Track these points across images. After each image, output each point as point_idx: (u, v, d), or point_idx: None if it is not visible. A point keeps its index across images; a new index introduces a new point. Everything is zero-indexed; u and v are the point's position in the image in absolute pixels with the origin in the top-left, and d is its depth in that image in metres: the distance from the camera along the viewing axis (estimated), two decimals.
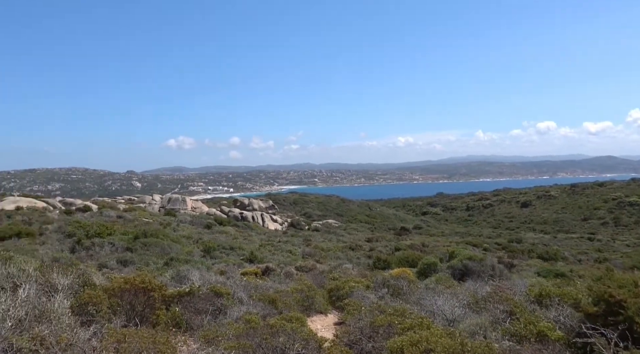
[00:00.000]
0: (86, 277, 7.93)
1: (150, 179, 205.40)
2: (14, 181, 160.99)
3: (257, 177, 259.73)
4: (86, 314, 6.86)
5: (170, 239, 27.14)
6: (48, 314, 6.16)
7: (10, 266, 7.18)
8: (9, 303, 5.91)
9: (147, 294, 6.86)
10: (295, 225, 57.51)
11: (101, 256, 21.39)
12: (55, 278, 7.09)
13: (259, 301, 9.58)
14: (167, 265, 18.55)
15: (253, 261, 22.47)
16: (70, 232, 26.38)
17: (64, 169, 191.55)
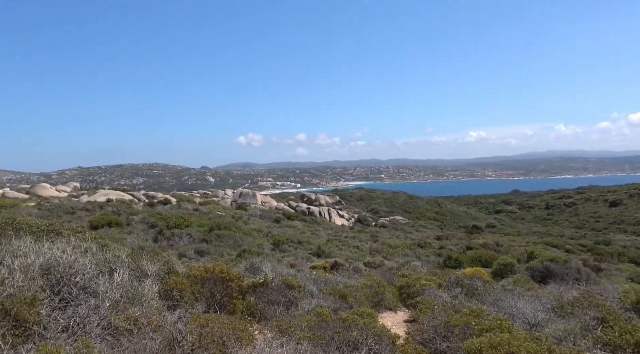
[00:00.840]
0: (170, 265, 8.50)
1: (222, 174, 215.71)
2: (104, 175, 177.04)
3: (323, 173, 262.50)
4: (171, 299, 7.36)
5: (242, 231, 28.33)
6: (139, 298, 6.69)
7: (107, 252, 7.88)
8: (107, 285, 6.50)
9: (226, 284, 7.20)
10: (362, 221, 57.37)
11: (180, 245, 22.87)
12: (145, 264, 7.68)
13: (329, 295, 9.69)
14: (239, 256, 19.40)
15: (320, 256, 22.78)
16: (153, 223, 28.48)
17: (147, 165, 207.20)
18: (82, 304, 5.91)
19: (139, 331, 5.65)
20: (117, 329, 5.57)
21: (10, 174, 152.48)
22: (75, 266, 6.81)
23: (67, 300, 6.33)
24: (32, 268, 6.43)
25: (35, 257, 6.76)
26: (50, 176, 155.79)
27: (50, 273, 6.60)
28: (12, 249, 6.97)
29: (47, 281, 6.47)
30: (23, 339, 4.87)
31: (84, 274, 6.79)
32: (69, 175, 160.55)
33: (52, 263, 6.71)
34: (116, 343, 5.28)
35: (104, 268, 7.35)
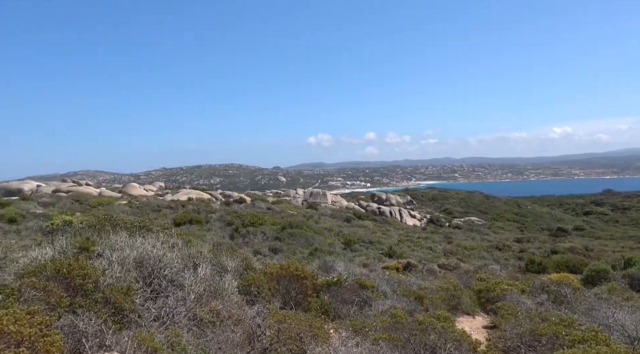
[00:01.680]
0: (248, 261, 8.85)
1: (293, 174, 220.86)
2: (185, 175, 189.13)
3: (393, 173, 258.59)
4: (249, 294, 7.65)
5: (313, 230, 28.74)
6: (221, 292, 7.04)
7: (191, 248, 8.39)
8: (192, 279, 6.92)
9: (301, 282, 7.33)
10: (435, 221, 55.66)
11: (255, 243, 23.73)
12: (225, 260, 8.06)
13: (403, 296, 9.50)
14: (311, 255, 19.69)
15: (392, 256, 22.43)
16: (230, 221, 29.84)
17: (223, 166, 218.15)
18: (171, 296, 6.34)
19: (221, 324, 5.94)
20: (202, 321, 5.90)
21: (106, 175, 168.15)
22: (164, 260, 7.33)
23: (157, 291, 6.84)
24: (128, 261, 7.02)
25: (130, 251, 7.38)
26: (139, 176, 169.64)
27: (142, 265, 7.16)
28: (111, 243, 7.68)
29: (140, 273, 7.04)
30: (122, 326, 5.32)
31: (172, 268, 7.28)
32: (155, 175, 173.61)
33: (144, 257, 7.28)
34: (201, 333, 5.59)
35: (189, 263, 7.83)
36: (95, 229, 8.76)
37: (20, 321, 3.65)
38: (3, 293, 4.96)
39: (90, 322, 5.07)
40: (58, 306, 5.09)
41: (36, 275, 5.83)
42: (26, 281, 5.10)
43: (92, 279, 6.03)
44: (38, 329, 3.68)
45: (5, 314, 3.69)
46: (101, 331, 5.06)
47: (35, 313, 4.04)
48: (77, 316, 5.13)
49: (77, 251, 7.43)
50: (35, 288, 5.09)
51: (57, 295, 5.19)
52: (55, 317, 4.52)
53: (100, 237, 8.15)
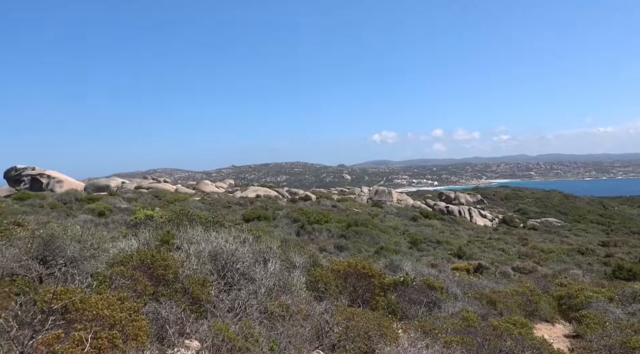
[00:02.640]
0: (315, 258, 8.98)
1: (358, 172, 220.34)
2: (253, 173, 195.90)
3: (462, 171, 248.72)
4: (317, 290, 7.75)
5: (379, 229, 28.48)
6: (289, 287, 7.20)
7: (261, 243, 8.67)
8: (262, 273, 7.16)
9: (368, 280, 7.30)
10: (508, 222, 52.79)
11: (320, 240, 24.00)
12: (293, 256, 8.23)
13: (474, 299, 9.13)
14: (377, 253, 19.55)
15: (461, 257, 21.63)
16: (296, 218, 30.45)
17: (289, 164, 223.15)
18: (243, 289, 6.60)
19: (290, 318, 6.07)
20: (272, 314, 6.08)
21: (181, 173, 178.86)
22: (236, 254, 7.64)
23: (230, 284, 7.15)
24: (203, 254, 7.41)
25: (205, 244, 7.79)
26: (211, 174, 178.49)
27: (216, 259, 7.53)
28: (188, 237, 8.15)
29: (214, 266, 7.40)
30: (199, 315, 5.63)
31: (243, 262, 7.58)
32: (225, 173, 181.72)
33: (218, 251, 7.64)
34: (272, 326, 5.75)
35: (259, 258, 8.10)
36: (174, 224, 9.34)
37: (113, 306, 3.99)
38: (97, 279, 5.45)
39: (171, 310, 5.43)
40: (143, 294, 5.50)
41: (124, 265, 6.35)
42: (116, 270, 5.57)
43: (172, 270, 6.44)
44: (128, 315, 4.00)
45: (100, 300, 4.06)
46: (181, 319, 5.39)
47: (125, 299, 4.39)
48: (159, 304, 5.51)
49: (159, 243, 7.98)
50: (124, 277, 5.54)
51: (142, 284, 5.61)
52: (142, 304, 4.88)
53: (178, 231, 8.68)
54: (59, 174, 44.56)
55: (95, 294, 4.46)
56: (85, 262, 6.36)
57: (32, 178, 43.38)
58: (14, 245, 6.67)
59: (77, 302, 3.88)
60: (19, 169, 44.77)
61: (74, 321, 3.80)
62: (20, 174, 44.22)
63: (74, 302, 3.87)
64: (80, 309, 3.85)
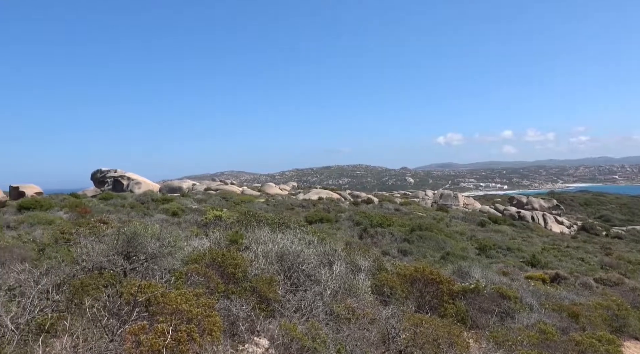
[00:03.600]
0: (380, 261, 8.88)
1: (421, 175, 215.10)
2: (315, 176, 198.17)
3: (535, 174, 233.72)
4: (382, 294, 7.66)
5: (444, 234, 27.56)
6: (355, 290, 7.19)
7: (325, 246, 8.74)
8: (327, 275, 7.21)
9: (436, 286, 7.08)
10: (588, 229, 48.83)
11: (383, 244, 23.68)
12: (358, 259, 8.20)
13: (552, 311, 8.53)
14: (443, 259, 18.91)
15: (535, 265, 20.33)
16: (358, 221, 30.32)
17: (351, 166, 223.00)
18: (309, 290, 6.69)
19: (356, 321, 6.05)
20: (338, 317, 6.09)
21: (247, 175, 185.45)
22: (301, 255, 7.77)
23: (296, 285, 7.28)
24: (271, 254, 7.61)
25: (272, 245, 7.99)
26: (274, 176, 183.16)
27: (283, 259, 7.70)
28: (256, 238, 8.42)
29: (281, 266, 7.57)
30: (267, 314, 5.78)
31: (309, 264, 7.68)
32: (288, 176, 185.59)
33: (284, 251, 7.81)
34: (337, 329, 5.77)
35: (324, 260, 8.17)
36: (242, 224, 9.69)
37: (190, 302, 4.21)
38: (174, 275, 5.78)
39: (241, 307, 5.62)
40: (216, 291, 5.75)
41: (197, 262, 6.69)
42: (191, 267, 5.87)
43: (241, 269, 6.68)
44: (203, 310, 4.20)
45: (179, 295, 4.30)
46: (250, 316, 5.56)
47: (200, 295, 4.62)
48: (230, 301, 5.73)
49: (229, 243, 8.32)
50: (198, 274, 5.83)
51: (214, 281, 5.88)
52: (215, 300, 5.11)
53: (247, 232, 9.00)
54: (138, 176, 48.05)
55: (173, 290, 4.73)
56: (163, 259, 6.79)
57: (114, 180, 47.18)
58: (102, 241, 7.28)
59: (158, 296, 4.14)
60: (103, 171, 48.91)
61: (156, 313, 4.05)
62: (104, 176, 48.28)
63: (156, 296, 4.14)
64: (161, 303, 4.11)
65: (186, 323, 3.92)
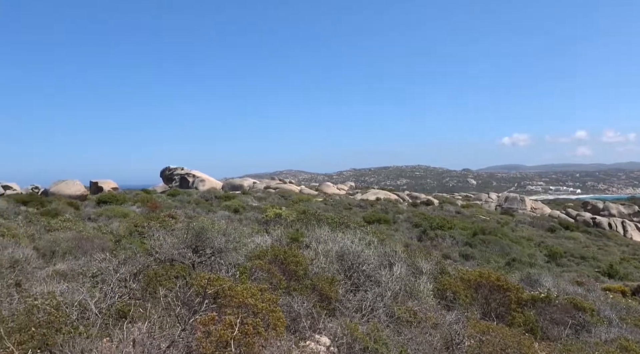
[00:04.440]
0: (442, 265, 8.63)
1: (484, 177, 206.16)
2: (373, 176, 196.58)
3: (613, 177, 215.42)
4: (444, 298, 7.43)
5: (510, 239, 26.27)
6: (416, 293, 7.04)
7: (385, 247, 8.64)
8: (387, 277, 7.12)
9: (503, 293, 6.76)
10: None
11: (443, 247, 22.99)
12: (420, 262, 8.02)
13: (634, 327, 7.83)
14: (508, 265, 18.01)
15: (613, 276, 18.79)
16: (417, 223, 29.68)
17: (409, 167, 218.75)
18: (369, 291, 6.64)
19: (418, 325, 5.91)
20: (399, 319, 5.99)
21: (305, 174, 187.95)
22: (362, 255, 7.74)
23: (356, 285, 7.26)
24: (331, 254, 7.66)
25: (332, 244, 8.03)
26: (332, 176, 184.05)
27: (343, 259, 7.71)
28: (316, 236, 8.50)
29: (341, 266, 7.59)
30: (328, 312, 5.82)
31: (369, 264, 7.64)
32: (345, 175, 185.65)
33: (344, 251, 7.82)
34: (398, 331, 5.67)
35: (384, 261, 8.08)
36: (303, 223, 9.83)
37: (255, 296, 4.33)
38: (239, 270, 5.99)
39: (302, 304, 5.70)
40: (278, 287, 5.88)
41: (260, 258, 6.87)
42: (256, 263, 6.05)
43: (302, 267, 6.78)
44: (267, 305, 4.30)
45: (245, 289, 4.44)
46: (311, 314, 5.62)
47: (264, 290, 4.74)
48: (292, 297, 5.83)
49: (290, 240, 8.47)
50: (262, 269, 5.99)
51: (277, 278, 6.01)
52: (278, 296, 5.22)
53: (307, 230, 9.12)
54: (202, 174, 50.34)
55: (239, 284, 4.89)
56: (229, 254, 7.05)
57: (181, 177, 49.75)
58: (173, 235, 7.70)
59: (226, 289, 4.31)
60: (171, 169, 51.75)
61: (224, 306, 4.22)
62: (172, 174, 51.06)
63: (223, 289, 4.30)
64: (228, 296, 4.27)
65: (252, 317, 4.04)
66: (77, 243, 10.91)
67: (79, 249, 10.40)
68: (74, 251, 10.17)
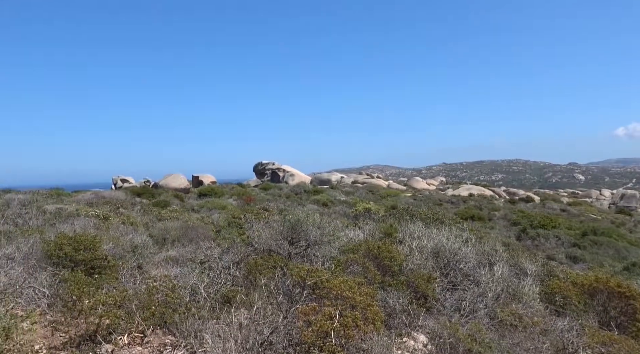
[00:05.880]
0: (550, 267, 7.92)
1: (595, 171, 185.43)
2: (465, 171, 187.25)
3: None
4: (553, 303, 6.81)
5: (627, 241, 23.44)
6: (520, 295, 6.54)
7: (484, 245, 8.16)
8: (488, 277, 6.71)
9: (625, 301, 6.01)
10: None
11: (547, 247, 21.20)
12: (524, 262, 7.45)
13: None
14: (627, 270, 16.03)
15: None
16: (515, 221, 27.75)
17: (506, 161, 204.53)
18: (468, 290, 6.32)
19: (523, 329, 5.49)
20: (502, 322, 5.62)
21: (392, 169, 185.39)
22: (458, 253, 7.39)
23: (453, 283, 6.96)
24: (426, 250, 7.42)
25: (427, 241, 7.78)
26: (420, 170, 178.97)
27: (439, 256, 7.43)
28: (409, 232, 8.30)
29: (436, 263, 7.32)
30: (425, 310, 5.65)
31: (467, 263, 7.27)
32: (435, 170, 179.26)
33: (440, 248, 7.53)
34: (502, 335, 5.32)
35: (483, 260, 7.63)
36: (395, 218, 9.67)
37: (352, 289, 4.34)
38: (335, 263, 6.06)
39: (397, 301, 5.60)
40: (373, 282, 5.84)
41: (354, 252, 6.89)
42: (351, 257, 6.07)
43: (397, 262, 6.66)
44: (365, 298, 4.29)
45: (342, 282, 4.47)
46: (407, 310, 5.50)
47: (361, 284, 4.73)
48: (387, 293, 5.76)
49: (382, 235, 8.38)
50: (357, 263, 5.99)
51: (372, 272, 5.97)
52: (374, 290, 5.18)
53: (399, 225, 8.94)
54: (292, 168, 52.07)
55: (337, 277, 4.95)
56: (323, 247, 7.18)
57: (272, 172, 51.96)
58: (269, 226, 8.04)
59: (324, 281, 4.38)
60: (263, 164, 54.26)
61: (322, 297, 4.29)
62: (264, 168, 53.54)
63: (322, 281, 4.38)
64: (326, 288, 4.33)
65: (350, 309, 4.06)
66: (183, 232, 11.91)
67: (186, 237, 11.34)
68: (182, 239, 11.11)
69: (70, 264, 6.23)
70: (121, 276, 6.15)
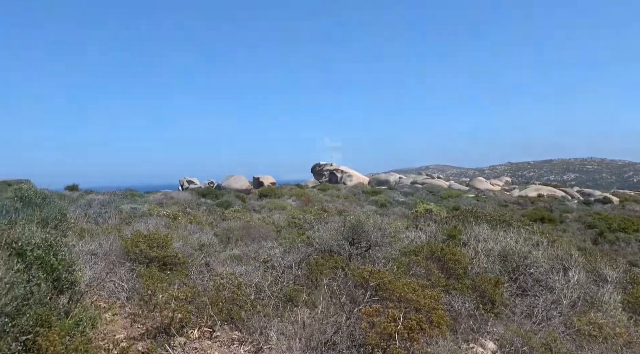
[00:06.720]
0: (633, 273, 7.28)
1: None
2: (533, 170, 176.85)
3: None
4: (638, 313, 6.26)
5: None
6: (599, 304, 6.07)
7: (557, 249, 7.66)
8: (562, 283, 6.29)
9: None
10: None
11: (628, 253, 19.50)
12: (603, 268, 6.91)
13: None
14: None
15: None
16: (591, 224, 25.79)
17: (579, 160, 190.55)
18: (540, 297, 5.96)
19: (604, 341, 5.09)
20: (579, 331, 5.24)
21: (453, 169, 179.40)
22: (529, 257, 7.00)
23: (523, 289, 6.60)
24: (493, 253, 7.10)
25: (494, 244, 7.44)
26: (484, 170, 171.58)
27: (506, 260, 7.08)
28: (475, 234, 7.99)
29: (504, 267, 6.98)
30: (492, 316, 5.40)
31: (538, 267, 6.86)
32: (499, 170, 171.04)
33: (508, 251, 7.17)
34: (579, 345, 4.96)
35: (557, 264, 7.17)
36: (458, 219, 9.35)
37: (416, 292, 4.25)
38: (396, 264, 5.97)
39: (463, 305, 5.41)
40: (437, 285, 5.69)
41: (416, 254, 6.75)
42: (413, 258, 5.95)
43: (461, 265, 6.43)
44: (429, 301, 4.18)
45: (405, 284, 4.40)
46: (473, 315, 5.29)
47: (425, 287, 4.62)
48: (451, 296, 5.58)
49: (445, 237, 8.13)
50: (419, 265, 5.86)
51: (435, 275, 5.82)
52: (438, 293, 5.04)
53: (463, 227, 8.63)
54: (350, 169, 52.04)
55: (398, 278, 4.87)
56: (383, 248, 7.10)
57: (330, 172, 52.23)
58: (329, 227, 8.09)
59: (387, 282, 4.33)
60: (321, 164, 54.72)
61: (385, 299, 4.24)
62: (322, 169, 53.97)
63: (385, 282, 4.33)
64: (389, 290, 4.28)
65: (414, 312, 3.98)
66: (246, 232, 12.31)
67: (248, 236, 11.71)
68: (244, 238, 11.48)
69: (145, 260, 6.66)
70: (190, 273, 6.48)
